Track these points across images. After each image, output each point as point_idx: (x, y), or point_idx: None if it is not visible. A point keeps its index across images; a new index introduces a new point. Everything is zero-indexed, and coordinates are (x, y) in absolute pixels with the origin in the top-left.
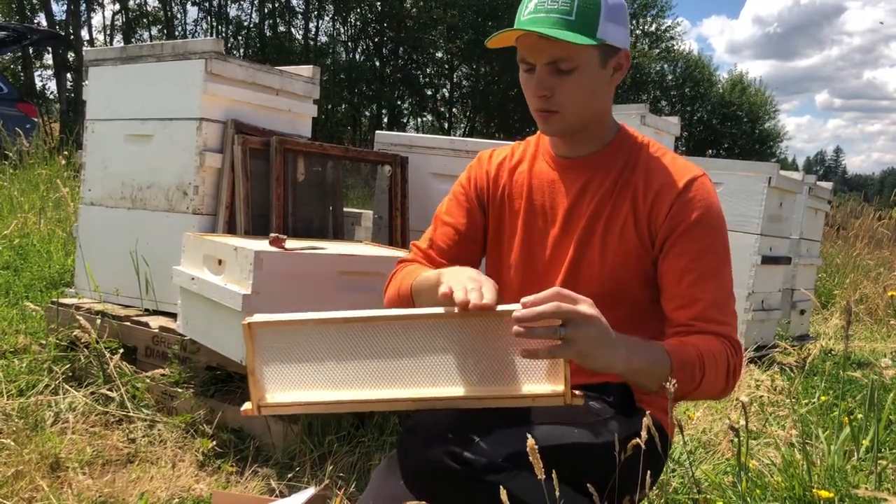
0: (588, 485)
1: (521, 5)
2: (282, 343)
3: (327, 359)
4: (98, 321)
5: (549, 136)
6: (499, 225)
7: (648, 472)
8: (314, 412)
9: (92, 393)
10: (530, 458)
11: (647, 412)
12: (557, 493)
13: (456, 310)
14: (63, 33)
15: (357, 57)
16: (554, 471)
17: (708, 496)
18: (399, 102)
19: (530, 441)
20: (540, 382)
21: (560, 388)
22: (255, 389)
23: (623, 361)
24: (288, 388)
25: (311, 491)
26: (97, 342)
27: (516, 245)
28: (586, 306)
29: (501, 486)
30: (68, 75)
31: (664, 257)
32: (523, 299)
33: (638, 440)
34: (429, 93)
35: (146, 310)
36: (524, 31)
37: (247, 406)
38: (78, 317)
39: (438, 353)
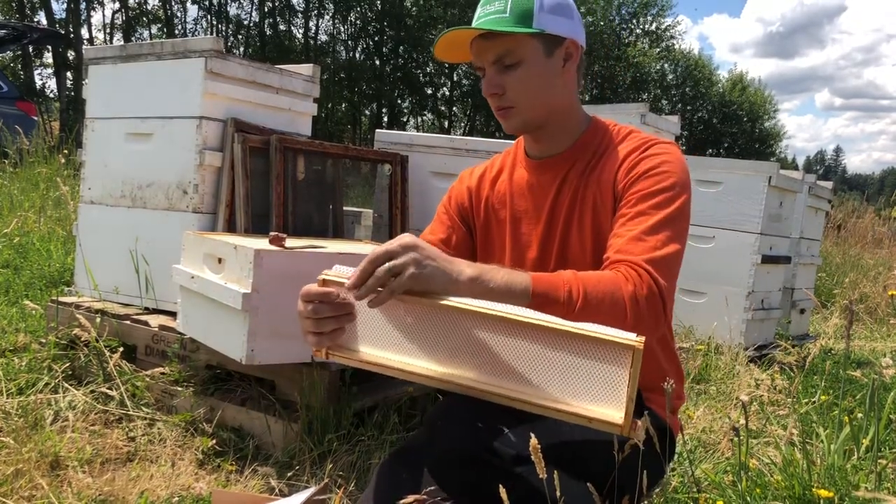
0: (588, 484)
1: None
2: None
3: (397, 327)
4: (98, 320)
5: (514, 133)
6: (486, 237)
7: (647, 473)
8: (374, 370)
9: (92, 391)
10: (532, 456)
11: (645, 413)
12: (558, 493)
13: (538, 319)
14: (63, 32)
15: (357, 56)
16: (571, 467)
17: (708, 495)
18: (399, 101)
19: (533, 441)
20: (601, 406)
21: (619, 418)
22: None
23: (468, 273)
24: (355, 342)
25: (311, 490)
26: (97, 341)
27: (507, 254)
28: (405, 237)
29: (526, 479)
30: (68, 74)
31: (616, 210)
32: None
33: (636, 441)
34: (429, 91)
35: (146, 308)
36: (459, 30)
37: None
38: (78, 315)
39: (510, 352)
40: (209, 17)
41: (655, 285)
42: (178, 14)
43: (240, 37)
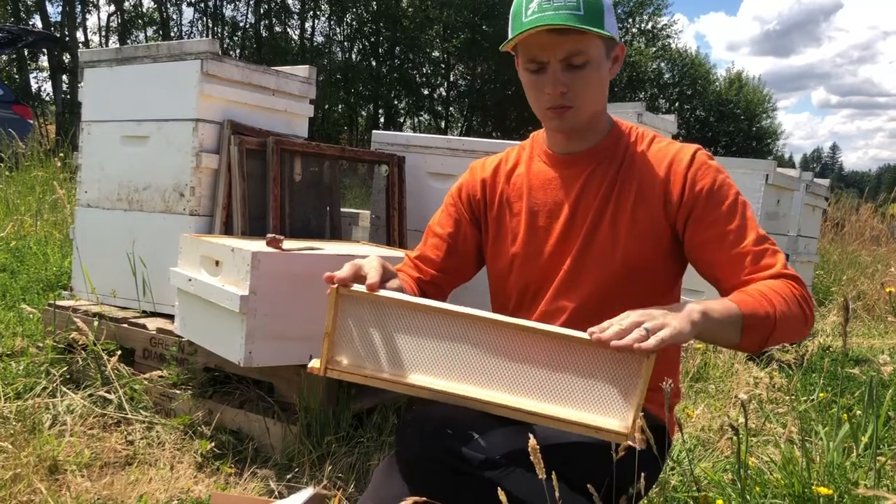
0: (587, 485)
1: (518, 9)
2: (364, 315)
3: (404, 339)
4: (95, 323)
5: (562, 133)
6: (499, 230)
7: (643, 473)
8: (376, 386)
9: (90, 395)
10: (531, 457)
11: (641, 414)
12: (557, 494)
13: (546, 327)
14: (58, 35)
15: (353, 57)
16: (552, 470)
17: (707, 494)
18: (396, 102)
19: (532, 441)
20: (605, 416)
21: (625, 428)
22: (327, 350)
23: (702, 319)
24: (359, 357)
25: (309, 491)
26: (95, 344)
27: (518, 245)
28: (633, 312)
29: (498, 483)
30: (64, 77)
31: (695, 231)
32: (590, 329)
33: (630, 442)
34: (425, 92)
35: (144, 311)
36: (547, 26)
37: (314, 363)
38: (75, 319)
39: (517, 363)
40: (205, 18)
41: (803, 286)
42: (174, 16)
43: (236, 38)
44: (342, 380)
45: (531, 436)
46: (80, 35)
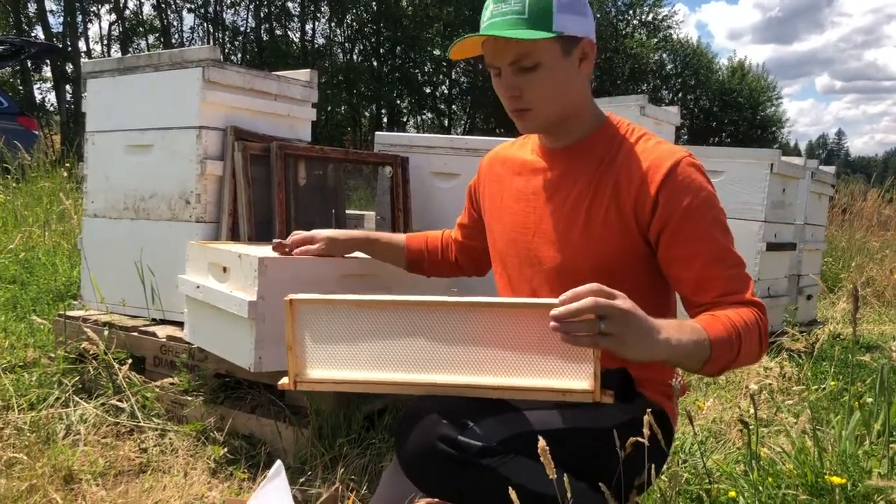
0: (588, 473)
1: (483, 14)
2: (322, 321)
3: (365, 339)
4: (105, 332)
5: (528, 134)
6: (491, 220)
7: (648, 463)
8: (348, 391)
9: (102, 404)
10: (541, 458)
11: (647, 408)
12: (569, 492)
13: (492, 300)
14: (60, 45)
15: (355, 58)
16: (554, 462)
17: (720, 486)
18: (398, 101)
19: (541, 443)
20: (571, 378)
21: (589, 385)
22: (292, 364)
23: (664, 349)
24: (325, 365)
25: (280, 471)
26: (105, 353)
27: (506, 237)
28: (621, 300)
29: (496, 470)
30: (67, 87)
31: (667, 246)
32: (561, 296)
33: (638, 438)
34: (427, 90)
35: (153, 319)
36: (479, 36)
37: (284, 380)
38: (85, 329)
39: (474, 342)
40: (205, 24)
41: (765, 315)
42: (175, 23)
43: (237, 43)
44: (314, 391)
45: (540, 438)
46: (81, 45)
